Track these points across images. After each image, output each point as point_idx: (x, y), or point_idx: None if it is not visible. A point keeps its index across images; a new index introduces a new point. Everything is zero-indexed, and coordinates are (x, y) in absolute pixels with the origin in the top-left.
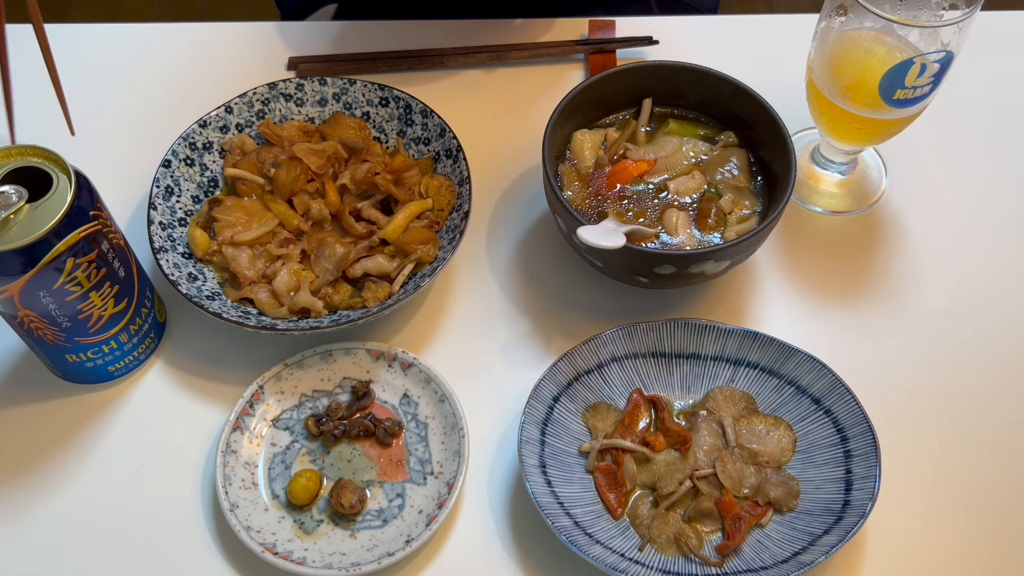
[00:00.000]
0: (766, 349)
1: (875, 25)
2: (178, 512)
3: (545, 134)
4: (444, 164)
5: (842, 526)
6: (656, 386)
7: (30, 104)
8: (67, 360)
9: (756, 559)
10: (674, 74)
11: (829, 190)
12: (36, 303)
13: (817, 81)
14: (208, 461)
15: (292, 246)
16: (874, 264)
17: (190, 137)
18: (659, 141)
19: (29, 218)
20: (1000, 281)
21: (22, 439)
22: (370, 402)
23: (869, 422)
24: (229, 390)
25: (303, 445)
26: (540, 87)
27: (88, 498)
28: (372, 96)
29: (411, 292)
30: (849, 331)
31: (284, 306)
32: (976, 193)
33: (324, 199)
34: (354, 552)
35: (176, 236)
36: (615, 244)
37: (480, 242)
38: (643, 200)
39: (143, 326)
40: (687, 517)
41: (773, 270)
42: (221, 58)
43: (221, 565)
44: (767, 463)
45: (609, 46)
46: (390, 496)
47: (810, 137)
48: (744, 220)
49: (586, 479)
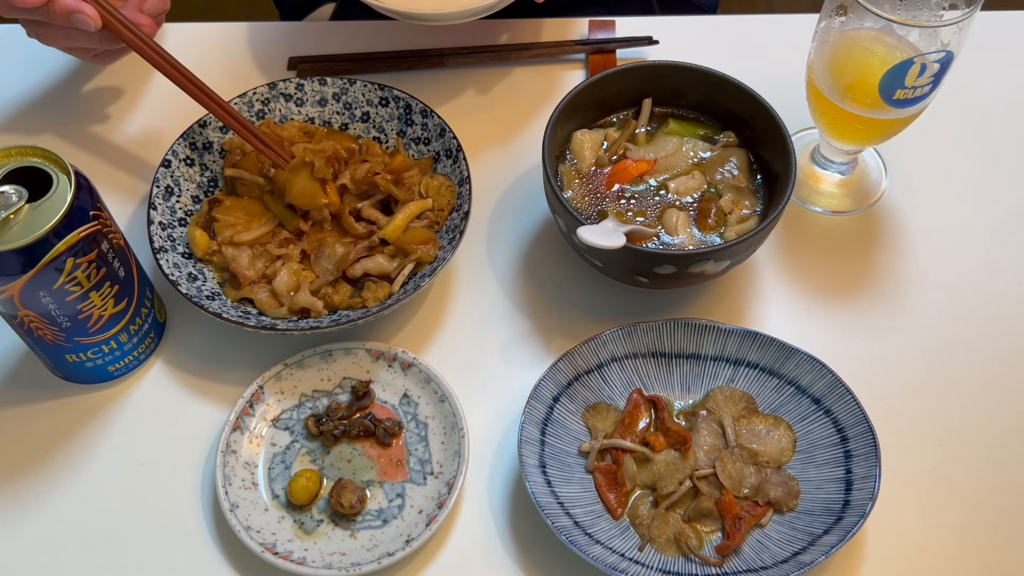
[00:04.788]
0: (766, 349)
1: (875, 25)
2: (178, 512)
3: (545, 134)
4: (444, 164)
5: (842, 526)
6: (656, 386)
7: (30, 104)
8: (67, 360)
9: (756, 559)
10: (674, 74)
11: (829, 190)
12: (36, 303)
13: (817, 81)
14: (208, 461)
15: (292, 246)
16: (874, 264)
17: (190, 137)
18: (659, 141)
19: (29, 218)
20: (1000, 281)
21: (22, 439)
22: (370, 402)
23: (869, 422)
24: (229, 390)
25: (303, 445)
26: (540, 87)
27: (88, 498)
28: (372, 96)
29: (411, 292)
30: (849, 331)
31: (284, 306)
32: (976, 193)
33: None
34: (354, 552)
35: (176, 236)
36: (615, 244)
37: (480, 242)
38: (643, 200)
39: (143, 326)
40: (687, 517)
41: (773, 270)
42: (221, 58)
43: (221, 565)
44: (767, 463)
45: (609, 46)
46: (390, 496)
47: (810, 137)
48: (744, 220)
49: (586, 479)
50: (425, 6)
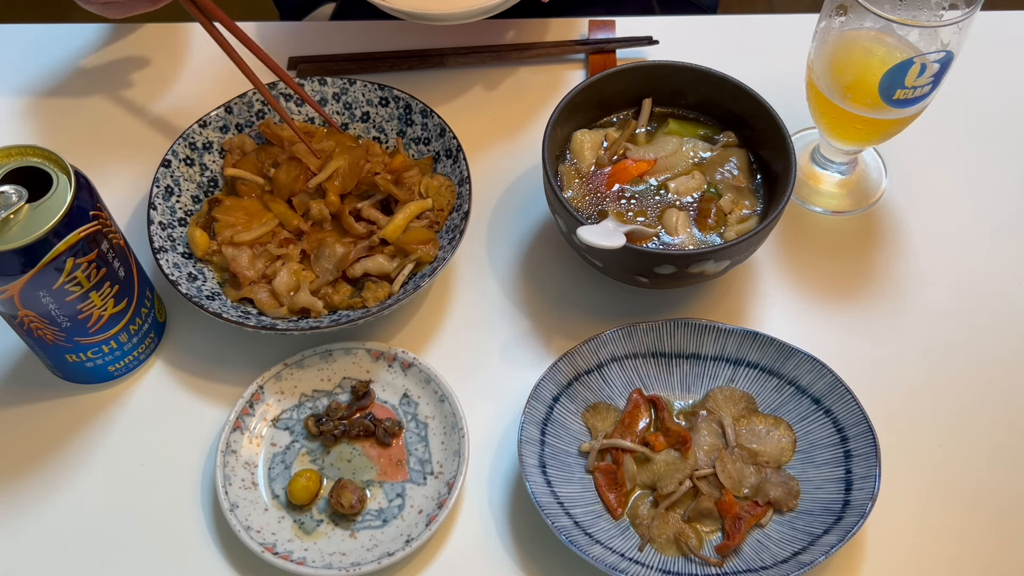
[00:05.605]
0: (766, 349)
1: (875, 25)
2: (178, 512)
3: (545, 134)
4: (444, 164)
5: (842, 526)
6: (656, 386)
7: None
8: (67, 360)
9: (756, 559)
10: (674, 74)
11: (829, 190)
12: (36, 303)
13: (817, 81)
14: (208, 461)
15: (292, 246)
16: (874, 264)
17: (190, 137)
18: (659, 141)
19: (29, 218)
20: (1000, 281)
21: (22, 439)
22: (370, 402)
23: (869, 422)
24: (229, 390)
25: (303, 445)
26: (540, 87)
27: (88, 498)
28: (372, 96)
29: (411, 292)
30: (849, 331)
31: (284, 306)
32: (976, 193)
33: (324, 199)
34: (354, 552)
35: (176, 236)
36: (615, 244)
37: (480, 242)
38: (643, 200)
39: (143, 326)
40: (687, 517)
41: (773, 270)
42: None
43: (221, 565)
44: (767, 463)
45: (609, 46)
46: (390, 496)
47: (810, 137)
48: (744, 220)
49: (586, 479)
50: (431, 6)
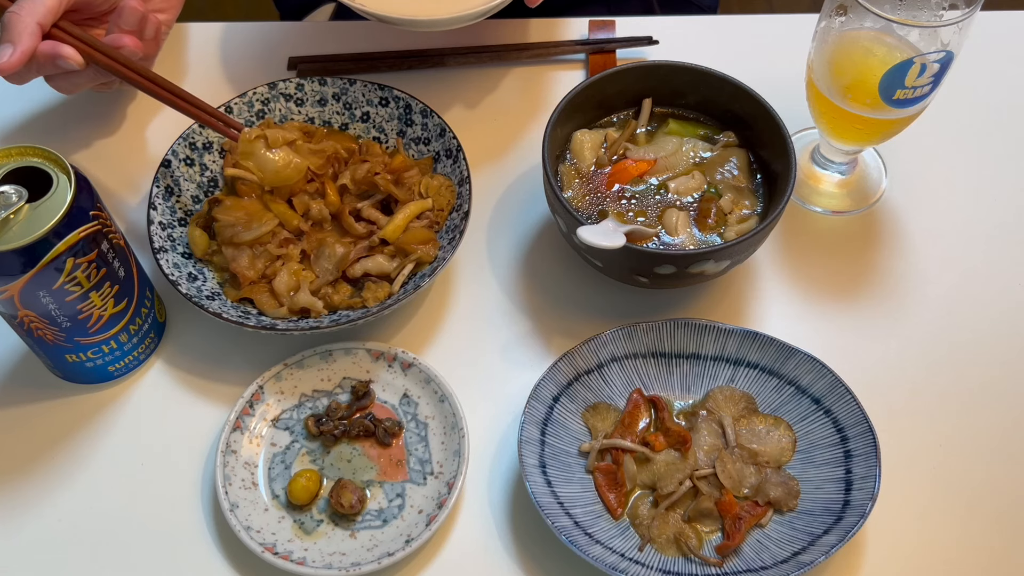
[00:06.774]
0: (766, 349)
1: (875, 25)
2: (178, 512)
3: (545, 134)
4: (444, 164)
5: (842, 526)
6: (656, 386)
7: (30, 104)
8: (67, 360)
9: (756, 559)
10: (674, 74)
11: (829, 190)
12: (36, 303)
13: (817, 81)
14: (208, 461)
15: (292, 246)
16: (874, 264)
17: (190, 137)
18: (659, 141)
19: (29, 218)
20: (1000, 281)
21: (22, 439)
22: (370, 402)
23: (869, 422)
24: (229, 390)
25: (303, 445)
26: (540, 87)
27: (88, 498)
28: (372, 96)
29: (411, 292)
30: (849, 331)
31: (284, 306)
32: (976, 193)
33: (324, 199)
34: (354, 552)
35: (176, 236)
36: (615, 244)
37: (480, 242)
38: (643, 200)
39: (143, 326)
40: (687, 517)
41: (773, 270)
42: (221, 58)
43: (221, 565)
44: (767, 463)
45: (609, 46)
46: (390, 496)
47: (810, 137)
48: (744, 220)
49: (586, 479)
50: (417, 12)
